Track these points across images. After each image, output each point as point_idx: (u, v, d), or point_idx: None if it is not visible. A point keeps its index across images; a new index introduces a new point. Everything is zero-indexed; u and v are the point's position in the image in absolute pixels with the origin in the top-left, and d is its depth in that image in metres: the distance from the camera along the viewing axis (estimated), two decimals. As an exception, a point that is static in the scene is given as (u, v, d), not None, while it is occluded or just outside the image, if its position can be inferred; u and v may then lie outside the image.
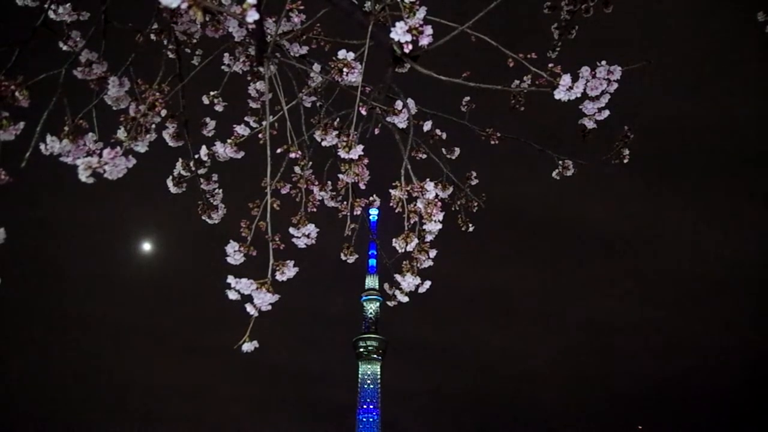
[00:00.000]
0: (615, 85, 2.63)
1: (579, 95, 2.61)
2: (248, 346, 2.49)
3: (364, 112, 2.77)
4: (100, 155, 2.36)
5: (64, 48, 2.91)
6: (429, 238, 2.83)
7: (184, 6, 1.29)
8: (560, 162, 3.51)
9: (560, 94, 2.59)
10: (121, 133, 2.61)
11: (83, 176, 2.36)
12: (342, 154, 2.54)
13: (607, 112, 2.81)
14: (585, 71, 2.60)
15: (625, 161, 3.28)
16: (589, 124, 2.96)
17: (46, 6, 2.79)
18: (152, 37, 3.11)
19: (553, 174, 3.55)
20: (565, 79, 2.55)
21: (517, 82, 3.03)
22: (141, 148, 2.65)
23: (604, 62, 2.59)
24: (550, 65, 2.61)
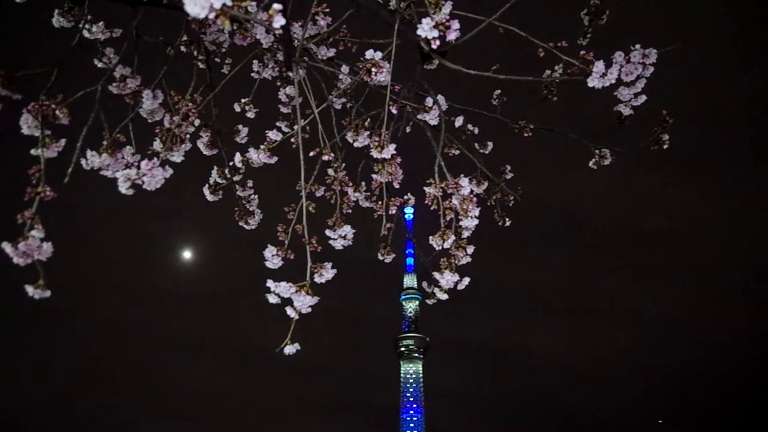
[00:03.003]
0: (651, 69, 2.58)
1: (613, 81, 2.56)
2: (290, 349, 2.51)
3: (394, 111, 2.77)
4: (138, 167, 2.41)
5: (99, 65, 2.98)
6: (466, 234, 2.81)
7: (211, 16, 1.31)
8: (597, 151, 3.45)
9: (594, 82, 2.55)
10: (157, 145, 2.66)
11: (123, 188, 2.41)
12: (374, 154, 2.54)
13: (643, 97, 2.75)
14: (618, 56, 2.55)
15: (665, 147, 3.20)
16: (625, 111, 2.90)
17: (80, 26, 2.85)
18: (182, 49, 3.16)
19: (590, 163, 3.48)
20: (598, 66, 2.51)
21: (548, 72, 2.99)
22: (177, 158, 2.69)
23: (638, 46, 2.54)
24: (582, 53, 2.57)
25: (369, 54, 2.49)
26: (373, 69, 2.47)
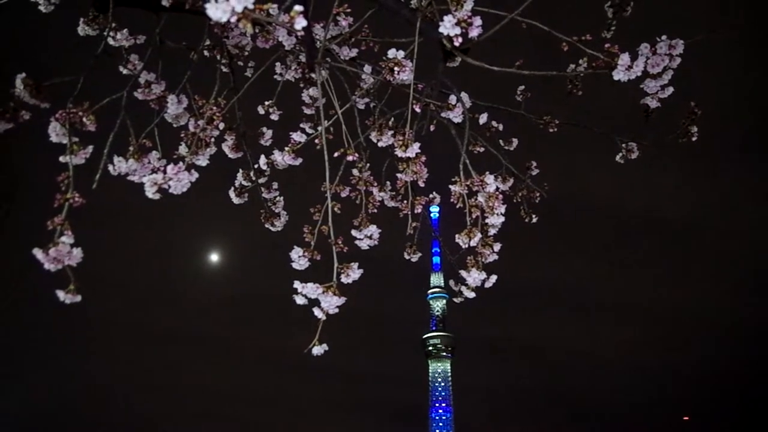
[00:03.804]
0: (678, 60, 2.54)
1: (639, 74, 2.53)
2: (318, 350, 2.51)
3: (418, 110, 2.75)
4: (165, 171, 2.43)
5: (124, 72, 3.02)
6: (492, 231, 2.79)
7: (233, 20, 1.31)
8: (624, 145, 3.40)
9: (619, 75, 2.51)
10: (183, 149, 2.68)
11: (150, 193, 2.44)
12: (399, 153, 2.53)
13: (671, 89, 2.71)
14: (644, 48, 2.52)
15: (694, 139, 3.15)
16: (652, 104, 2.86)
17: (105, 34, 2.89)
18: (205, 53, 3.18)
19: (617, 157, 3.44)
20: (624, 59, 2.47)
21: (572, 66, 2.95)
22: (202, 161, 2.71)
23: (664, 37, 2.50)
24: (607, 45, 2.53)
25: (391, 53, 2.48)
26: (396, 68, 2.46)
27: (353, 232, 2.83)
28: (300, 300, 2.44)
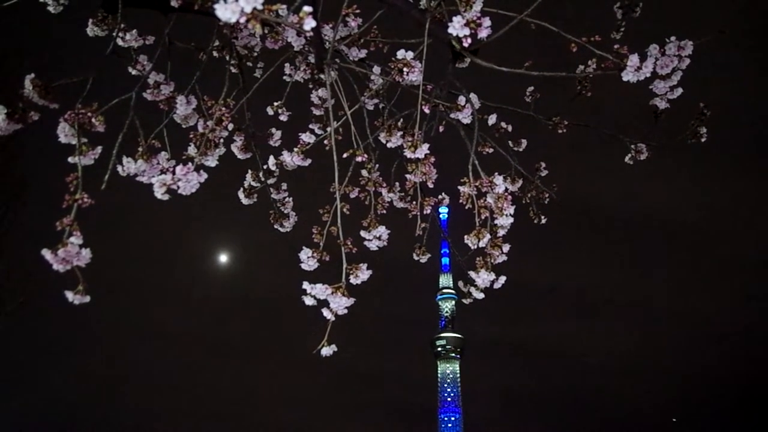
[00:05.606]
0: (687, 61, 2.52)
1: (648, 75, 2.51)
2: (327, 350, 2.51)
3: (427, 111, 2.75)
4: (174, 172, 2.43)
5: (133, 72, 3.02)
6: (501, 232, 2.78)
7: (243, 20, 1.31)
8: (633, 146, 3.38)
9: (628, 76, 2.50)
10: (192, 150, 2.68)
11: (159, 193, 2.44)
12: (408, 154, 2.53)
13: (680, 90, 2.70)
14: (653, 49, 2.50)
15: (703, 140, 3.13)
16: (661, 105, 2.85)
17: (114, 34, 2.90)
18: (214, 54, 3.18)
19: (626, 159, 3.42)
20: (633, 60, 2.46)
21: (581, 67, 2.94)
22: (211, 162, 2.71)
23: (673, 38, 2.49)
24: (616, 46, 2.52)
25: (400, 54, 2.47)
26: (405, 69, 2.46)
27: (362, 233, 2.82)
28: (309, 301, 2.44)
